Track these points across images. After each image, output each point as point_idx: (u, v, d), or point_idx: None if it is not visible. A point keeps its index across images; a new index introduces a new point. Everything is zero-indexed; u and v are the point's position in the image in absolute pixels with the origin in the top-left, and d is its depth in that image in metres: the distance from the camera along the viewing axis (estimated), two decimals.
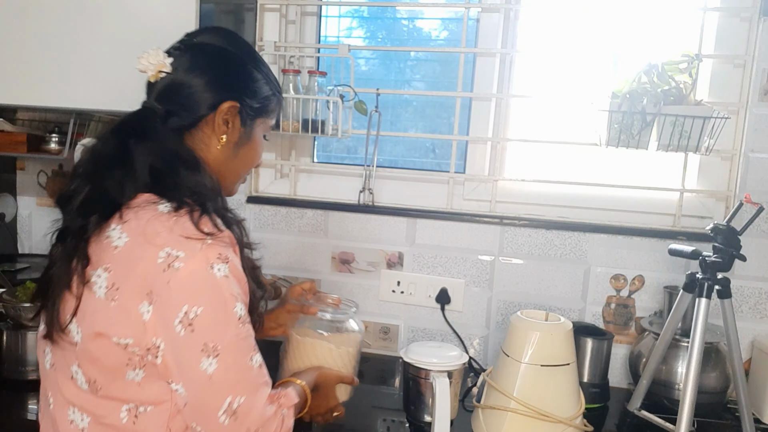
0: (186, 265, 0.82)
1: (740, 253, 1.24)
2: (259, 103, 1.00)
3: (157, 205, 0.88)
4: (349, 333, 1.28)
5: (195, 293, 0.83)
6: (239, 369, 0.87)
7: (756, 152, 1.53)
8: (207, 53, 0.97)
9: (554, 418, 1.22)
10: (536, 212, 1.66)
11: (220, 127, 0.96)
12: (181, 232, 0.84)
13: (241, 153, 1.01)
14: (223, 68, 0.97)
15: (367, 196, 1.71)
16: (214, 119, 0.95)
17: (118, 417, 0.87)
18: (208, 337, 0.84)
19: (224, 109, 0.95)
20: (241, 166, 1.03)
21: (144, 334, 0.84)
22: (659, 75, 1.37)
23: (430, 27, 1.87)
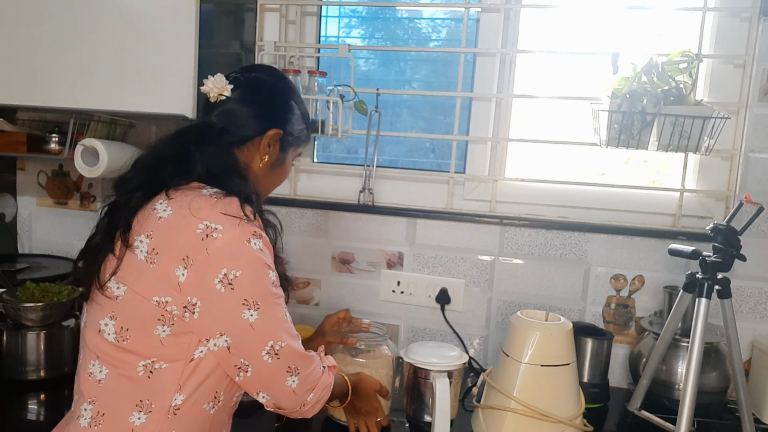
0: (223, 236, 0.93)
1: (740, 253, 1.24)
2: (296, 134, 1.16)
3: (204, 189, 1.00)
4: (384, 356, 1.36)
5: (233, 259, 0.94)
6: (277, 320, 0.99)
7: (756, 152, 1.53)
8: (262, 86, 1.13)
9: (554, 418, 1.22)
10: (536, 212, 1.66)
11: (264, 149, 1.11)
12: (222, 209, 0.95)
13: (275, 173, 1.16)
14: (273, 101, 1.14)
15: (367, 196, 1.71)
16: (260, 142, 1.10)
17: (134, 370, 0.96)
18: (248, 293, 0.95)
19: (270, 135, 1.10)
20: (273, 183, 1.19)
21: (180, 293, 0.94)
22: (659, 75, 1.37)
23: (430, 27, 1.87)
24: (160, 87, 1.51)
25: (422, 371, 1.32)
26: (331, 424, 1.34)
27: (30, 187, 1.98)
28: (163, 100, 1.51)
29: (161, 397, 0.96)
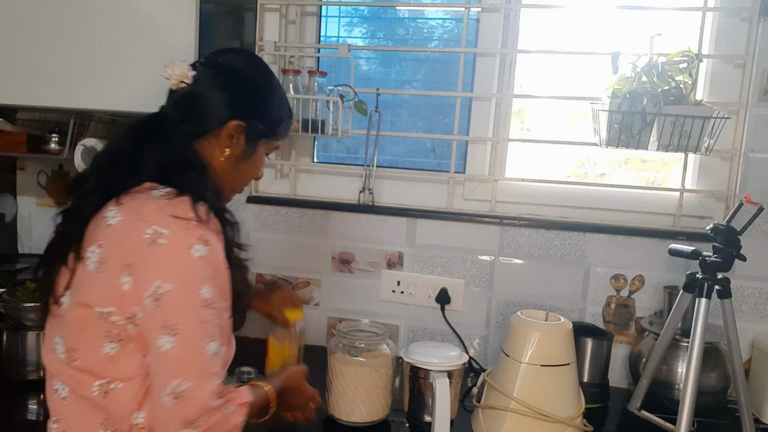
0: (168, 242, 0.88)
1: (740, 253, 1.24)
2: (265, 125, 1.08)
3: (155, 190, 0.95)
4: (384, 356, 1.35)
5: (169, 270, 0.88)
6: (192, 352, 0.89)
7: (756, 152, 1.53)
8: (226, 73, 1.05)
9: (554, 418, 1.22)
10: (536, 212, 1.66)
11: (224, 142, 1.03)
12: (171, 211, 0.90)
13: (242, 167, 1.08)
14: (237, 90, 1.05)
15: (367, 196, 1.71)
16: (220, 133, 1.03)
17: (90, 390, 0.92)
18: (171, 314, 0.87)
19: (230, 127, 1.02)
20: (240, 178, 1.10)
21: (124, 303, 0.89)
22: (659, 75, 1.37)
23: (431, 27, 1.87)
24: (160, 87, 1.50)
25: (422, 371, 1.32)
26: (331, 423, 1.34)
27: (30, 187, 1.98)
28: (164, 99, 1.50)
29: (121, 417, 0.92)
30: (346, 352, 1.33)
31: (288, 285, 1.80)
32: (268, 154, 1.14)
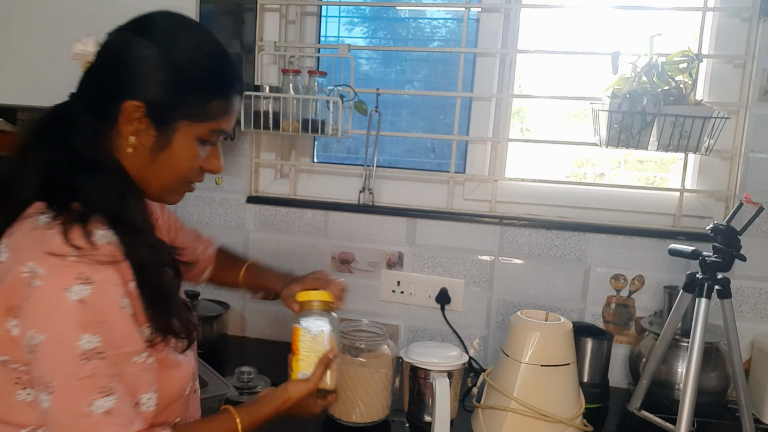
0: (43, 284, 0.74)
1: (740, 253, 1.24)
2: (176, 104, 0.86)
3: (41, 215, 0.80)
4: (384, 356, 1.35)
5: (41, 318, 0.75)
6: (71, 413, 0.75)
7: (756, 152, 1.53)
8: (123, 45, 0.85)
9: (554, 418, 1.22)
10: (536, 212, 1.66)
11: (126, 129, 0.85)
12: (46, 247, 0.76)
13: (160, 159, 0.88)
14: (134, 64, 0.85)
15: (367, 196, 1.71)
16: (120, 120, 0.85)
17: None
18: (44, 369, 0.75)
19: (126, 110, 0.84)
20: (164, 173, 0.89)
21: (16, 349, 0.78)
22: (659, 75, 1.37)
23: (431, 27, 1.87)
24: None
25: (422, 371, 1.32)
26: (331, 423, 1.34)
27: None
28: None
29: None
30: (346, 353, 1.33)
31: None
32: (208, 140, 0.90)
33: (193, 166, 0.90)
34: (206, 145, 0.91)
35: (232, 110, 0.91)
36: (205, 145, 0.90)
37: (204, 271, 1.27)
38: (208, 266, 1.28)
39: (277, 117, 1.59)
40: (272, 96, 1.57)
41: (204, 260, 1.26)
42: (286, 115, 1.58)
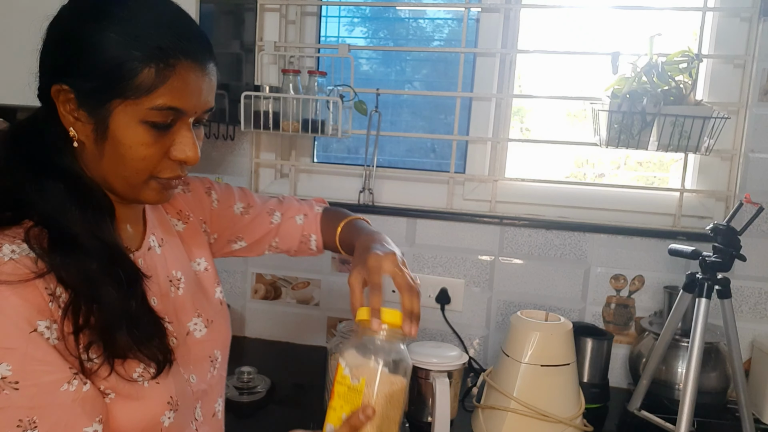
0: None
1: (740, 253, 1.24)
2: (98, 80, 0.72)
3: None
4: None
5: None
6: None
7: (756, 152, 1.53)
8: (52, 22, 0.76)
9: (554, 418, 1.22)
10: (536, 212, 1.66)
11: (65, 120, 0.76)
12: None
13: (107, 151, 0.75)
14: (54, 40, 0.76)
15: (367, 196, 1.71)
16: (54, 109, 0.76)
17: None
18: None
19: (55, 96, 0.75)
20: (117, 167, 0.77)
21: None
22: (659, 75, 1.37)
23: (431, 27, 1.87)
24: None
25: (422, 371, 1.32)
26: None
27: None
28: None
29: None
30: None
31: (288, 285, 1.80)
32: (157, 122, 0.75)
33: (147, 155, 0.76)
34: (162, 129, 0.75)
35: (173, 80, 0.73)
36: (160, 130, 0.75)
37: (308, 241, 1.16)
38: (312, 233, 1.16)
39: (277, 117, 1.59)
40: (272, 96, 1.57)
41: (307, 229, 1.16)
42: (286, 115, 1.58)
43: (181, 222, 0.99)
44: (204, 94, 0.78)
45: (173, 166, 0.79)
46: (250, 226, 1.11)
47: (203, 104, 0.78)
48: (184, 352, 0.89)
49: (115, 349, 0.74)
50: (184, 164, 0.80)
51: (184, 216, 1.00)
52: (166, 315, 0.86)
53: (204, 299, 0.97)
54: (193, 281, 0.96)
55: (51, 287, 0.70)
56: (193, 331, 0.93)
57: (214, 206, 1.06)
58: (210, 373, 0.94)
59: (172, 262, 0.93)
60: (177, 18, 0.76)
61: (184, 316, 0.92)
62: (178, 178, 0.81)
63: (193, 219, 1.01)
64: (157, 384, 0.79)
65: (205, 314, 0.95)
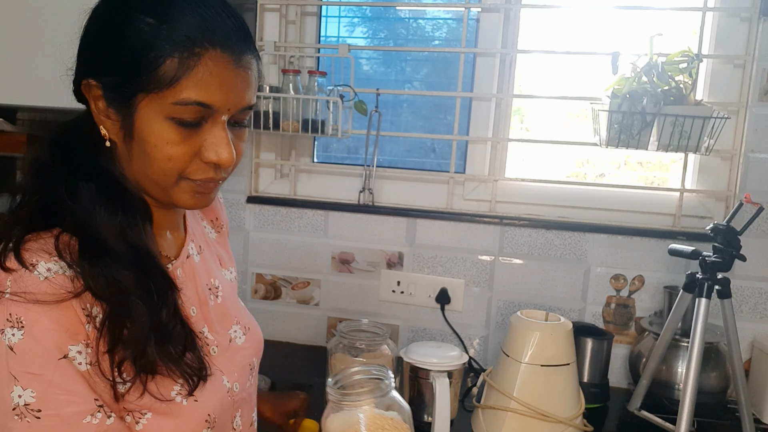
0: None
1: (740, 253, 1.24)
2: (123, 73, 0.69)
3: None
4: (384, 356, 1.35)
5: None
6: None
7: (756, 152, 1.53)
8: (88, 16, 0.74)
9: (554, 418, 1.22)
10: (536, 212, 1.66)
11: (97, 117, 0.73)
12: None
13: (135, 150, 0.72)
14: (87, 34, 0.74)
15: (367, 196, 1.71)
16: (87, 109, 0.75)
17: None
18: None
19: (85, 92, 0.73)
20: (145, 167, 0.73)
21: None
22: (659, 75, 1.37)
23: (431, 27, 1.87)
24: None
25: (422, 371, 1.32)
26: None
27: None
28: None
29: None
30: (346, 352, 1.33)
31: (288, 285, 1.80)
32: (184, 119, 0.70)
33: (175, 155, 0.71)
34: (190, 127, 0.70)
35: (199, 71, 0.68)
36: (188, 128, 0.70)
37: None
38: None
39: (277, 117, 1.59)
40: (272, 96, 1.57)
41: None
42: (286, 115, 1.58)
43: (214, 230, 0.99)
44: (238, 89, 0.71)
45: (205, 168, 0.73)
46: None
47: (237, 101, 0.72)
48: (227, 360, 0.86)
49: (145, 364, 0.70)
50: (218, 167, 0.73)
51: (218, 225, 1.00)
52: (207, 324, 0.85)
53: (240, 307, 0.97)
54: (229, 289, 0.95)
55: (88, 307, 0.67)
56: (235, 339, 0.91)
57: (224, 229, 1.04)
58: (249, 381, 0.92)
59: (210, 270, 0.91)
60: (211, 6, 0.70)
61: (226, 324, 0.90)
62: (213, 181, 0.75)
63: (224, 230, 1.02)
64: (196, 402, 0.76)
65: (242, 322, 0.94)
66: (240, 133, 0.77)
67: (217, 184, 0.77)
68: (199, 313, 0.85)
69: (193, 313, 0.83)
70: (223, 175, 0.76)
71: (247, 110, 0.75)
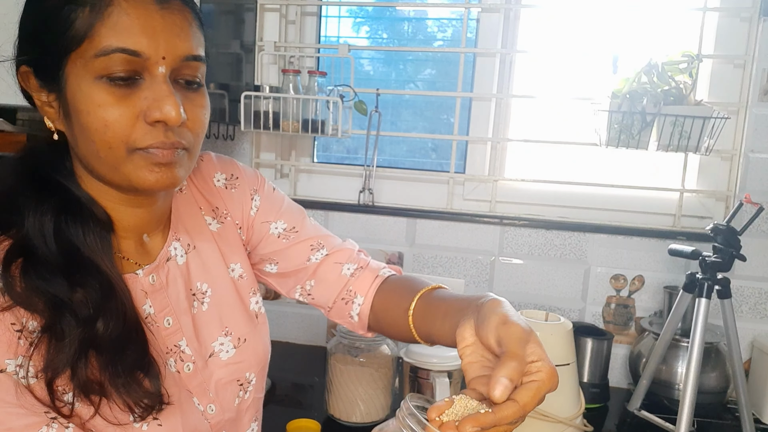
0: None
1: (740, 253, 1.24)
2: (43, 42, 0.65)
3: None
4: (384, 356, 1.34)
5: None
6: None
7: (756, 152, 1.53)
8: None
9: (554, 418, 1.22)
10: (536, 212, 1.66)
11: (40, 109, 0.70)
12: None
13: (75, 129, 0.66)
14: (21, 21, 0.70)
15: (367, 196, 1.71)
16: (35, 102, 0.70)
17: None
18: None
19: (23, 84, 0.70)
20: (87, 145, 0.66)
21: None
22: (659, 75, 1.37)
23: (432, 27, 1.87)
24: None
25: (422, 371, 1.32)
26: (331, 423, 1.34)
27: None
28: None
29: None
30: (346, 352, 1.33)
31: None
32: (111, 75, 0.63)
33: (111, 120, 0.63)
34: (124, 83, 0.64)
35: (114, 15, 0.62)
36: (122, 85, 0.64)
37: (351, 302, 0.91)
38: (359, 293, 0.90)
39: (277, 117, 1.59)
40: (272, 96, 1.57)
41: (356, 286, 0.91)
42: (286, 115, 1.58)
43: (216, 221, 0.86)
44: (167, 34, 0.64)
45: (152, 130, 0.65)
46: (285, 253, 0.91)
47: (171, 49, 0.65)
48: (203, 379, 0.78)
49: (82, 383, 0.63)
50: (167, 127, 0.65)
51: (221, 215, 0.86)
52: (185, 336, 0.78)
53: (237, 313, 0.85)
54: (226, 292, 0.85)
55: (23, 321, 0.63)
56: (218, 353, 0.81)
57: (252, 214, 0.89)
58: (239, 398, 0.82)
59: (198, 272, 0.82)
60: None
61: (207, 335, 0.80)
62: (167, 146, 0.66)
63: (229, 220, 0.87)
64: (160, 426, 0.69)
65: (236, 332, 0.84)
66: (194, 96, 0.69)
67: (174, 151, 0.67)
68: (176, 324, 0.77)
69: (167, 325, 0.76)
70: (179, 140, 0.67)
71: (192, 63, 0.67)
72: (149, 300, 0.75)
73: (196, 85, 0.70)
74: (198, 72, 0.69)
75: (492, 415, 0.59)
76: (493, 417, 0.59)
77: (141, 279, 0.75)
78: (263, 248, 0.91)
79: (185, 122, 0.67)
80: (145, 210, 0.75)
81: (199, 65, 0.69)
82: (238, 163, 0.91)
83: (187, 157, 0.70)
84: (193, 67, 0.68)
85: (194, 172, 0.86)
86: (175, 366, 0.76)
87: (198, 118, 0.69)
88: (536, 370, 0.62)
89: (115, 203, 0.73)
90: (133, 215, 0.75)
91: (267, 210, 0.90)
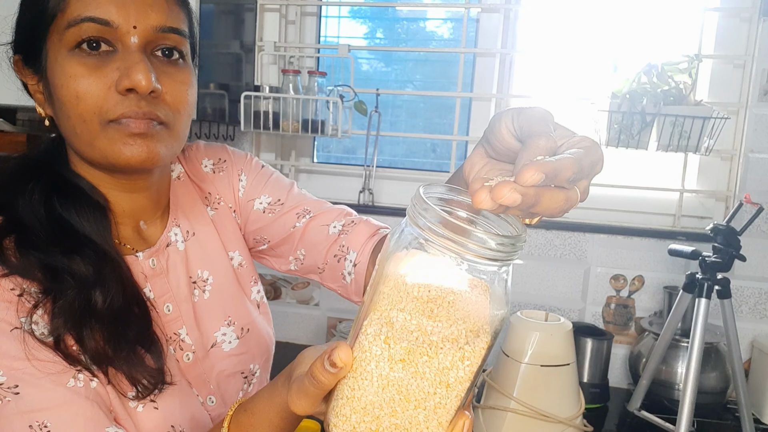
0: None
1: (740, 253, 1.24)
2: (25, 27, 0.69)
3: None
4: None
5: None
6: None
7: (756, 152, 1.53)
8: None
9: (554, 418, 1.22)
10: None
11: (33, 96, 0.72)
12: None
13: (56, 105, 0.67)
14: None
15: (367, 196, 1.71)
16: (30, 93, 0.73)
17: None
18: None
19: (19, 74, 0.72)
20: (65, 121, 0.67)
21: None
22: (659, 75, 1.37)
23: (432, 27, 1.87)
24: None
25: None
26: None
27: None
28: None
29: None
30: None
31: (288, 285, 1.80)
32: (80, 43, 0.64)
33: (82, 91, 0.63)
34: (95, 53, 0.64)
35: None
36: (94, 56, 0.64)
37: (343, 259, 0.85)
38: (352, 249, 0.84)
39: (277, 117, 1.59)
40: (272, 96, 1.57)
41: (348, 242, 0.85)
42: (285, 115, 1.58)
43: (209, 208, 0.85)
44: (139, 4, 0.64)
45: (123, 100, 0.64)
46: (272, 228, 0.89)
47: (143, 18, 0.64)
48: (203, 370, 0.77)
49: (95, 356, 0.63)
50: (138, 96, 0.64)
51: (213, 200, 0.85)
52: (185, 324, 0.76)
53: (239, 303, 0.83)
54: (228, 281, 0.83)
55: (23, 287, 0.63)
56: (221, 343, 0.79)
57: (240, 195, 0.88)
58: (243, 390, 0.81)
59: (199, 259, 0.80)
60: None
61: (209, 325, 0.79)
62: (139, 116, 0.65)
63: (223, 204, 0.86)
64: (156, 409, 0.67)
65: (239, 321, 0.82)
66: (173, 71, 0.68)
67: (149, 122, 0.66)
68: (176, 311, 0.76)
69: (167, 311, 0.75)
70: (154, 110, 0.66)
71: (170, 35, 0.67)
72: (149, 284, 0.74)
73: (176, 59, 0.69)
74: (177, 45, 0.68)
75: (551, 163, 0.43)
76: (553, 164, 0.43)
77: (141, 261, 0.74)
78: (251, 225, 0.89)
79: (162, 94, 0.66)
80: (140, 195, 0.75)
81: (178, 39, 0.68)
82: (229, 148, 0.91)
83: (167, 133, 0.68)
84: (171, 39, 0.67)
85: (186, 161, 0.86)
86: (174, 355, 0.74)
87: (178, 93, 0.68)
88: (578, 140, 0.50)
89: (108, 188, 0.73)
90: (128, 200, 0.74)
91: (253, 187, 0.89)
